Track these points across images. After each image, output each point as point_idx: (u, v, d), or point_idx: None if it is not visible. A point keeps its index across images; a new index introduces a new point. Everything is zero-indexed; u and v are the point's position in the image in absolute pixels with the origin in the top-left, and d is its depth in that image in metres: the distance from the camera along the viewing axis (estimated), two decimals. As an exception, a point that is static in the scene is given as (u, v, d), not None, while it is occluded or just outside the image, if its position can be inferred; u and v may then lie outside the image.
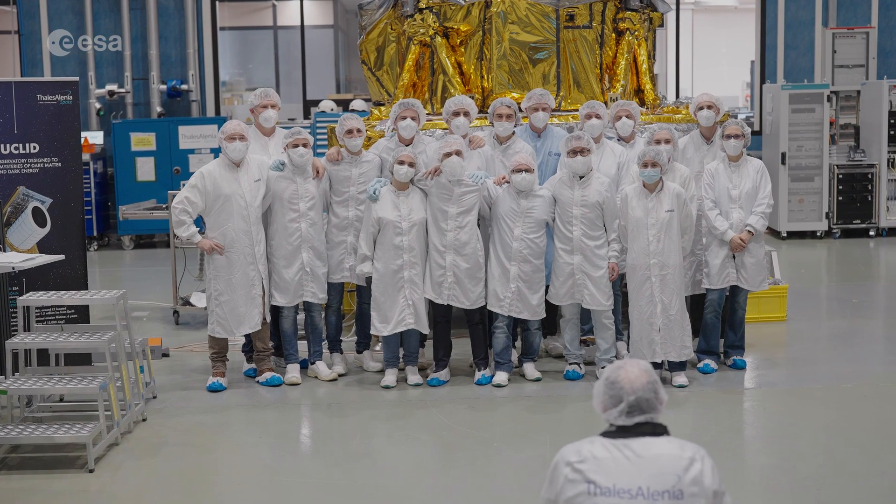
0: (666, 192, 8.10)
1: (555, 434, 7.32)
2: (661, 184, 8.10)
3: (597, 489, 3.50)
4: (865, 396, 8.15)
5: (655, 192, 8.08)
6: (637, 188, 8.16)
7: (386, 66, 10.92)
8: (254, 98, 8.88)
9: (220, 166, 8.33)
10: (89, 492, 6.48)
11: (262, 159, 8.48)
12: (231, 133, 8.25)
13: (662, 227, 8.05)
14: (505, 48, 10.03)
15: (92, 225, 15.88)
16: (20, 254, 8.09)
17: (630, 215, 8.16)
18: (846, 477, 6.57)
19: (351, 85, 20.10)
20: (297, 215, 8.39)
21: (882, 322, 10.86)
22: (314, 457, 7.24)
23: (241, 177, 8.30)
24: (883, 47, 16.95)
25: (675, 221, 8.09)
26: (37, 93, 8.53)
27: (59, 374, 7.61)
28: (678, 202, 8.11)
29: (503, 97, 9.13)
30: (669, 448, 3.55)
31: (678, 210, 8.09)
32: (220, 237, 8.28)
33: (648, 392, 3.57)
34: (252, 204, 8.31)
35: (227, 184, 8.27)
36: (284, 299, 8.49)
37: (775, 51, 17.26)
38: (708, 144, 9.05)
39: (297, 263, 8.44)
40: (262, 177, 8.37)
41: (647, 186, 8.08)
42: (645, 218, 8.08)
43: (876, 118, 15.59)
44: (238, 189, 8.27)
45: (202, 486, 6.62)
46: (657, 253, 8.08)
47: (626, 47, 10.40)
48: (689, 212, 8.23)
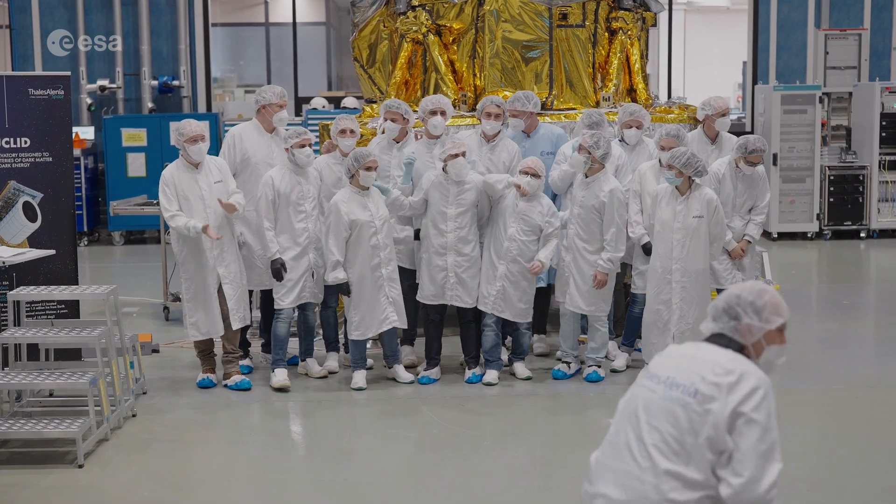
0: (697, 197, 7.91)
1: (545, 433, 7.31)
2: (693, 187, 7.92)
3: (646, 371, 3.83)
4: (856, 399, 8.16)
5: (686, 195, 7.90)
6: (669, 188, 8.01)
7: (378, 63, 10.91)
8: (270, 96, 8.77)
9: (179, 168, 8.18)
10: (78, 487, 6.45)
11: (220, 161, 8.40)
12: (193, 134, 8.08)
13: (689, 232, 7.87)
14: (498, 46, 10.02)
15: (82, 220, 15.84)
16: (10, 248, 8.07)
17: (658, 216, 8.04)
18: (837, 478, 6.57)
19: (343, 82, 20.08)
20: (304, 216, 8.30)
21: (872, 324, 10.88)
22: (304, 454, 7.23)
23: (201, 178, 8.15)
24: (875, 49, 16.98)
25: (704, 228, 7.89)
26: (28, 87, 8.49)
27: (49, 369, 7.59)
28: (709, 209, 7.89)
29: (492, 95, 9.14)
30: (726, 359, 3.65)
31: (708, 217, 7.87)
32: (184, 241, 8.15)
33: (743, 303, 3.75)
34: (213, 205, 8.12)
35: (187, 186, 8.11)
36: (288, 300, 8.33)
37: (767, 52, 17.28)
38: (713, 145, 9.06)
39: (304, 264, 8.31)
40: (222, 178, 8.24)
41: (678, 188, 7.93)
42: (672, 221, 7.92)
43: (868, 120, 15.62)
44: (198, 191, 8.11)
45: (192, 482, 6.60)
46: (681, 258, 7.91)
47: (619, 47, 10.40)
48: (719, 219, 8.03)
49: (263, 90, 8.88)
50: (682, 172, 7.80)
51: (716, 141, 9.10)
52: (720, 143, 9.11)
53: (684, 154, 7.80)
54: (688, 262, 7.89)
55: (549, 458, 6.81)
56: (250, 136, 8.79)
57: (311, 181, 8.40)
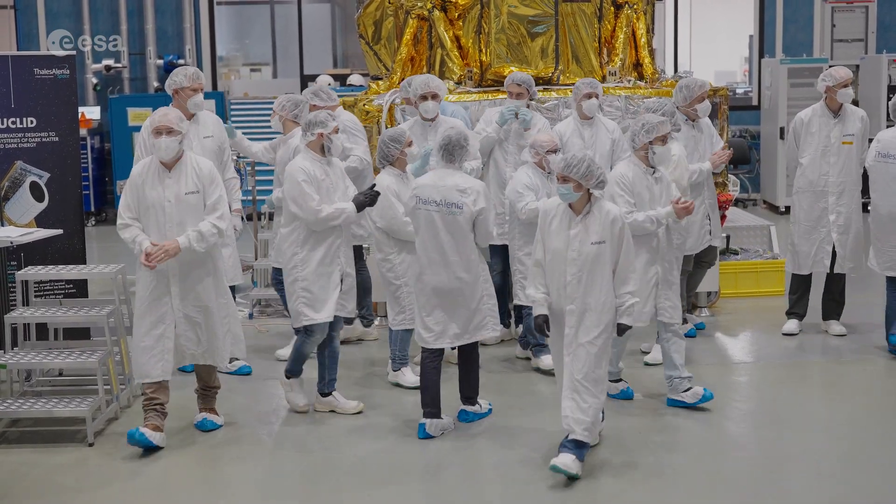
0: (597, 217, 6.16)
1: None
2: (592, 202, 6.21)
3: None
4: (865, 371, 8.17)
5: (582, 214, 6.18)
6: (561, 207, 6.25)
7: (384, 40, 10.88)
8: (181, 79, 7.91)
9: (149, 168, 6.80)
10: (88, 465, 6.49)
11: (207, 167, 6.84)
12: (156, 125, 6.68)
13: (586, 263, 6.13)
14: (503, 22, 9.99)
15: (89, 200, 15.83)
16: (18, 228, 8.09)
17: (548, 243, 6.28)
18: (846, 450, 6.59)
19: (348, 60, 20.01)
20: None
21: (879, 296, 10.84)
22: (310, 432, 7.22)
23: (170, 184, 6.73)
24: (882, 21, 16.88)
25: (607, 256, 6.14)
26: (34, 67, 8.50)
27: (58, 348, 7.61)
28: (612, 230, 6.13)
29: (422, 75, 8.64)
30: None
31: (612, 241, 6.13)
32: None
33: None
34: (174, 219, 6.70)
35: (150, 189, 6.76)
36: (324, 313, 7.06)
37: (774, 25, 17.19)
38: (836, 118, 8.79)
39: (336, 270, 7.14)
40: (199, 188, 6.75)
41: (573, 207, 6.22)
42: (565, 249, 6.19)
43: (875, 92, 15.55)
44: (161, 196, 6.72)
45: (201, 460, 6.63)
46: (577, 297, 6.17)
47: (625, 21, 10.35)
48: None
49: (175, 72, 7.96)
50: (581, 185, 6.13)
51: (839, 113, 8.82)
52: (843, 116, 8.81)
53: (583, 161, 6.10)
54: (586, 300, 6.18)
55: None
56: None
57: (338, 173, 7.25)
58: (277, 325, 9.54)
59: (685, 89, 8.59)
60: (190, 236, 6.62)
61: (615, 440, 6.70)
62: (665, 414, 7.21)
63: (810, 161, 8.86)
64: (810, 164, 8.86)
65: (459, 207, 6.75)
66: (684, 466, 6.35)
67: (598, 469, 6.24)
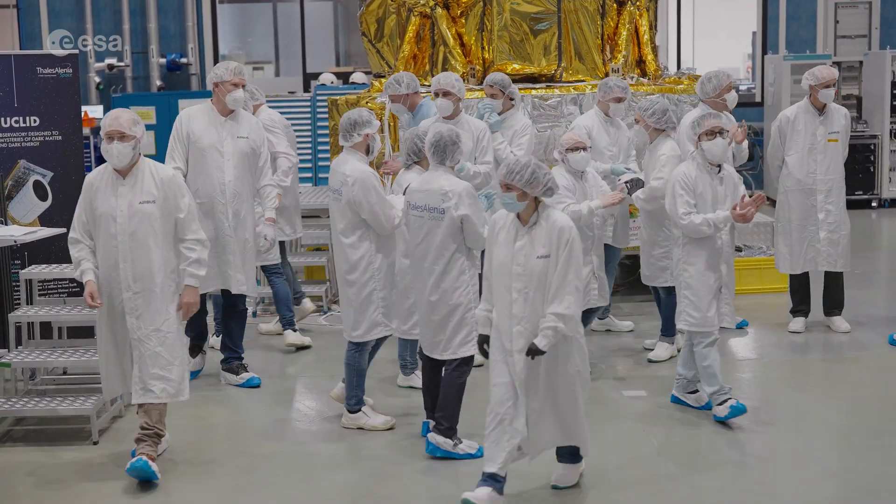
0: (544, 227, 5.57)
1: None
2: (539, 211, 5.62)
3: None
4: (867, 368, 8.17)
5: (529, 225, 5.61)
6: (508, 218, 5.69)
7: (386, 37, 10.88)
8: (223, 72, 7.69)
9: (106, 176, 6.29)
10: (93, 464, 6.50)
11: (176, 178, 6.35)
12: (108, 130, 6.12)
13: (532, 279, 5.56)
14: (506, 19, 9.98)
15: (92, 199, 15.84)
16: (22, 227, 8.09)
17: (494, 256, 5.71)
18: (850, 445, 6.59)
19: (351, 58, 20.02)
20: None
21: (884, 293, 10.86)
22: (309, 424, 7.22)
23: (124, 193, 6.21)
24: (886, 17, 16.86)
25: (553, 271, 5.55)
26: (36, 66, 8.51)
27: (62, 346, 7.61)
28: (560, 242, 5.51)
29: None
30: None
31: (555, 254, 5.51)
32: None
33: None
34: (126, 230, 6.17)
35: (103, 198, 6.26)
36: (394, 324, 7.00)
37: (777, 21, 17.17)
38: (821, 116, 8.82)
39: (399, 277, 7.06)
40: (159, 197, 6.20)
41: (520, 216, 5.66)
42: (510, 263, 5.63)
43: (878, 89, 15.54)
44: (113, 206, 6.23)
45: (206, 458, 6.63)
46: (523, 317, 5.58)
47: (628, 17, 10.35)
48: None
49: (217, 65, 7.77)
50: (525, 194, 5.57)
51: (824, 111, 8.82)
52: (828, 114, 8.82)
53: (527, 167, 5.55)
54: (535, 322, 5.56)
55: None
56: (200, 118, 7.66)
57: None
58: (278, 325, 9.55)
59: (714, 79, 8.53)
60: (195, 273, 6.30)
61: (614, 444, 6.70)
62: (666, 408, 7.21)
63: (797, 159, 8.88)
64: (797, 163, 8.88)
65: (442, 213, 6.30)
66: (683, 463, 6.36)
67: (598, 465, 6.25)
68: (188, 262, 6.29)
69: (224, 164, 7.62)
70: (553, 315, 5.45)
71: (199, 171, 7.60)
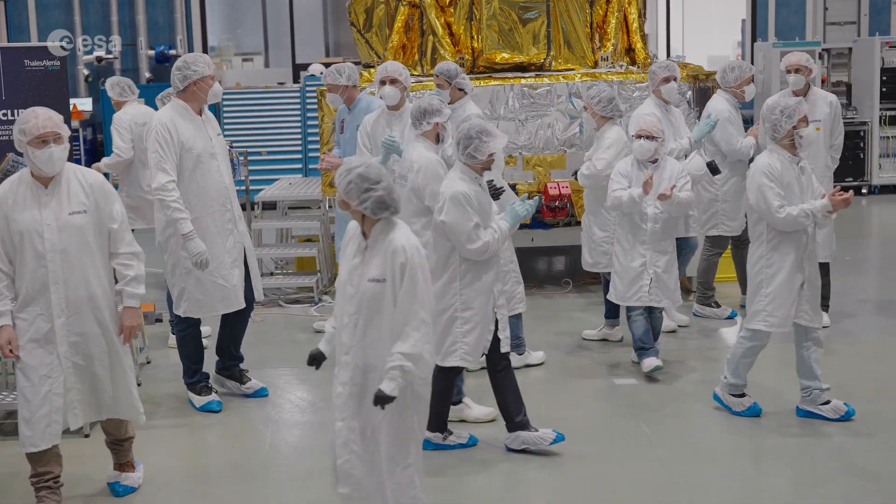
0: (381, 247, 4.75)
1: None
2: (382, 226, 4.78)
3: None
4: (858, 353, 8.19)
5: (368, 241, 4.82)
6: (354, 230, 4.91)
7: (375, 27, 10.86)
8: (203, 67, 6.95)
9: (23, 185, 5.57)
10: (84, 457, 6.50)
11: (102, 181, 5.63)
12: (41, 132, 5.44)
13: (363, 304, 4.79)
14: (494, 8, 9.97)
15: (82, 192, 15.80)
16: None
17: (340, 272, 4.98)
18: (850, 432, 6.61)
19: (340, 48, 19.98)
20: None
21: (874, 279, 10.88)
22: (307, 423, 7.22)
23: (51, 205, 5.50)
24: (875, 4, 16.88)
25: (389, 297, 4.71)
26: (24, 58, 8.49)
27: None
28: (392, 266, 4.70)
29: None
30: None
31: (392, 281, 4.70)
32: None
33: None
34: (56, 247, 5.46)
35: (22, 212, 5.49)
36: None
37: (766, 8, 17.19)
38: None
39: None
40: (89, 206, 5.54)
41: (362, 232, 4.88)
42: (346, 282, 4.88)
43: (868, 75, 15.55)
44: (38, 220, 5.48)
45: (196, 452, 6.63)
46: (353, 347, 4.82)
47: (617, 6, 10.35)
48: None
49: (190, 62, 6.94)
50: (346, 203, 4.77)
51: (806, 98, 8.53)
52: (811, 101, 8.56)
53: (350, 171, 4.73)
54: (367, 354, 4.78)
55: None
56: (183, 122, 6.92)
57: None
58: (273, 317, 9.54)
59: (737, 69, 8.73)
60: (134, 292, 5.61)
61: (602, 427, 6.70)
62: (667, 401, 7.22)
63: None
64: None
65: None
66: (678, 452, 6.37)
67: (597, 460, 6.24)
68: (125, 280, 5.60)
69: (220, 166, 7.09)
70: (400, 354, 4.61)
71: (198, 179, 6.97)
